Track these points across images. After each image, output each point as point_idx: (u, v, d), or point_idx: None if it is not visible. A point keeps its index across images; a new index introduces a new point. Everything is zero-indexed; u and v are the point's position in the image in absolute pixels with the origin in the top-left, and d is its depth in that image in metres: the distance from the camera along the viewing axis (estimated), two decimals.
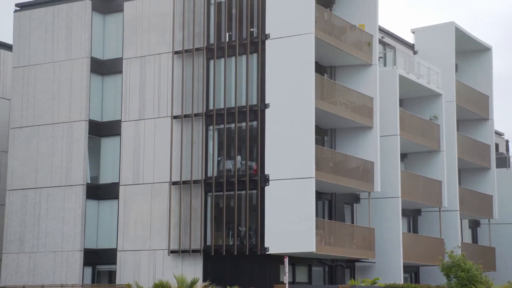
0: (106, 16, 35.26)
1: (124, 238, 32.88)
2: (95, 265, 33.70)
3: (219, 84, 32.15)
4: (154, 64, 33.32)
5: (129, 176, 33.17)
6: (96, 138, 34.38)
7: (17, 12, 36.14)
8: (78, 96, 34.10)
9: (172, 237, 31.82)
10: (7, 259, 34.33)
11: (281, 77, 30.72)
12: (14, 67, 35.87)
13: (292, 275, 31.29)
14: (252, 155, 31.32)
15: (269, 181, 30.39)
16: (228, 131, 31.75)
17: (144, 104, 33.32)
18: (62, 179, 33.81)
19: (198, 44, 32.58)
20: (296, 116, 30.26)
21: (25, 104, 35.18)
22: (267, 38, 31.12)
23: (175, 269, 30.85)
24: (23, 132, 35.05)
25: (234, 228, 31.04)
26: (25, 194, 34.48)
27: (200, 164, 31.87)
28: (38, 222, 34.02)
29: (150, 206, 32.53)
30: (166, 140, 32.56)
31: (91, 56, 34.32)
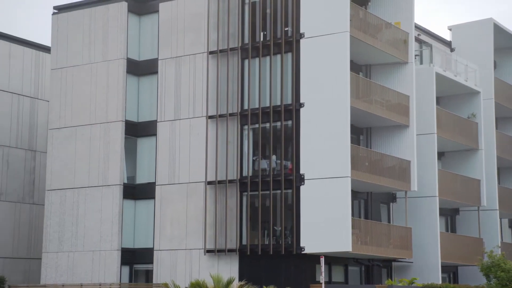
0: (142, 17, 35.44)
1: (161, 238, 32.99)
2: (132, 265, 33.90)
3: (253, 84, 32.06)
4: (189, 65, 33.38)
5: (165, 176, 33.27)
6: (132, 139, 34.58)
7: (55, 15, 36.55)
8: (114, 97, 34.34)
9: (208, 237, 31.82)
10: (47, 258, 34.73)
11: (316, 76, 30.49)
12: (52, 69, 36.28)
13: (328, 275, 31.03)
14: (287, 154, 31.15)
15: (305, 180, 30.20)
16: (263, 130, 31.63)
17: (180, 104, 33.39)
18: (99, 179, 34.08)
19: (232, 44, 32.53)
20: (331, 115, 30.00)
21: (63, 105, 35.55)
22: (302, 37, 30.91)
23: (211, 268, 30.85)
24: (62, 133, 35.43)
25: (270, 227, 30.90)
26: (63, 194, 34.84)
27: (235, 163, 31.82)
28: (76, 221, 34.35)
29: (186, 205, 32.59)
30: (201, 140, 32.58)
31: (127, 57, 34.53)
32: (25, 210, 40.31)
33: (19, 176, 40.21)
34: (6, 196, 39.54)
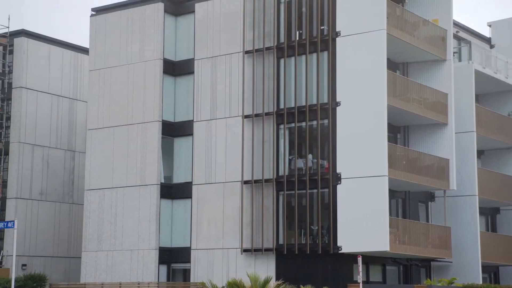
0: (178, 18, 35.59)
1: (198, 237, 33.08)
2: (170, 263, 34.06)
3: (289, 83, 31.94)
4: (225, 64, 33.41)
5: (201, 175, 33.35)
6: (169, 138, 34.75)
7: (93, 17, 36.94)
8: (151, 97, 34.54)
9: (245, 236, 31.80)
10: (86, 257, 35.10)
11: (353, 75, 30.23)
12: (90, 70, 36.67)
13: (365, 275, 30.74)
14: (324, 153, 30.95)
15: (341, 179, 29.97)
16: (299, 129, 31.49)
17: (216, 104, 33.45)
18: (137, 179, 34.32)
19: (268, 43, 32.45)
20: (368, 114, 29.71)
21: (101, 106, 35.90)
22: (338, 36, 30.68)
23: (248, 267, 30.81)
24: (100, 133, 35.78)
25: (306, 227, 30.76)
26: (102, 194, 35.18)
27: (271, 163, 31.73)
28: (114, 221, 34.66)
29: (223, 205, 32.62)
30: (237, 139, 32.58)
31: (163, 58, 34.71)
32: (65, 209, 40.85)
33: (59, 176, 40.75)
34: (47, 196, 40.12)
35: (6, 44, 40.24)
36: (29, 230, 38.93)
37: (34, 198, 39.49)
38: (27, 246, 38.68)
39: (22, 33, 40.25)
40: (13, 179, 38.92)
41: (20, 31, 40.48)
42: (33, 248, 39.05)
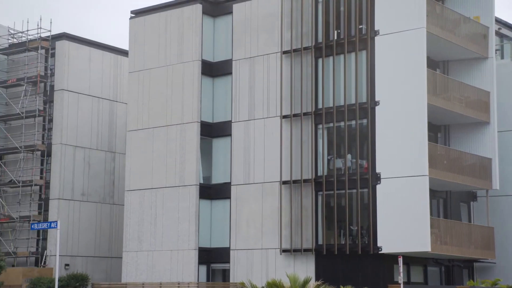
0: (216, 19, 35.64)
1: (237, 237, 33.06)
2: (209, 264, 34.11)
3: (327, 83, 31.73)
4: (263, 65, 33.35)
5: (240, 176, 33.34)
6: (207, 139, 34.83)
7: (133, 19, 37.22)
8: (190, 98, 34.67)
9: (284, 236, 31.69)
10: (127, 257, 35.36)
11: (392, 74, 29.88)
12: (130, 72, 36.96)
13: (406, 275, 30.35)
14: (363, 153, 30.67)
15: (381, 179, 29.65)
16: (337, 129, 31.26)
17: (254, 105, 33.40)
18: (176, 179, 34.48)
19: (306, 43, 32.28)
20: (407, 113, 29.34)
21: (141, 107, 36.16)
22: (377, 35, 30.36)
23: (287, 268, 30.69)
24: (139, 134, 36.05)
25: (346, 227, 30.50)
26: (142, 194, 35.43)
27: (310, 163, 31.56)
28: (154, 221, 34.86)
29: (261, 205, 32.55)
30: (275, 139, 32.48)
31: (202, 59, 34.82)
32: (106, 210, 41.26)
33: (99, 177, 41.18)
34: (88, 196, 40.57)
35: (48, 48, 40.83)
36: (71, 230, 39.42)
37: (76, 199, 39.97)
38: (70, 246, 39.16)
39: (64, 36, 40.78)
40: (56, 180, 39.45)
41: (61, 34, 41.02)
42: (75, 248, 39.53)
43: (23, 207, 39.75)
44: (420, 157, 28.84)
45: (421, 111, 29.05)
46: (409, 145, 29.15)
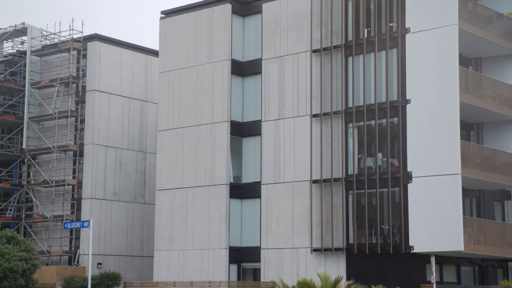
0: (246, 18, 35.52)
1: (267, 236, 32.90)
2: (240, 263, 34.00)
3: (357, 81, 31.41)
4: (293, 64, 33.13)
5: (270, 175, 33.17)
6: (237, 139, 34.72)
7: (163, 19, 37.27)
8: (219, 98, 34.60)
9: (314, 236, 31.43)
10: (159, 256, 35.43)
11: (423, 72, 29.47)
12: (160, 72, 37.01)
13: (439, 275, 29.91)
14: (394, 152, 30.29)
15: (412, 178, 29.26)
16: (368, 128, 30.93)
17: (284, 104, 33.21)
18: (206, 179, 34.43)
19: (336, 41, 31.99)
20: (439, 111, 28.91)
21: (171, 107, 36.19)
22: (408, 32, 29.97)
23: (318, 267, 30.45)
24: (170, 134, 36.08)
25: (377, 226, 30.15)
26: (172, 194, 35.45)
27: (340, 162, 31.27)
28: (185, 220, 34.87)
29: (292, 204, 32.36)
30: (305, 138, 32.26)
31: (231, 58, 34.72)
32: (137, 209, 41.40)
33: (131, 177, 41.34)
34: (120, 196, 40.76)
35: (80, 49, 41.10)
36: (104, 229, 39.62)
37: (107, 199, 40.17)
38: (102, 245, 39.36)
39: (95, 37, 41.00)
40: (88, 180, 39.68)
41: (93, 35, 41.26)
42: (107, 247, 39.72)
43: (56, 206, 40.07)
44: (453, 156, 28.39)
45: (453, 109, 28.60)
46: (441, 143, 28.71)
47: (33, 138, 41.90)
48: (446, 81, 28.85)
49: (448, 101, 28.77)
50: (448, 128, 28.65)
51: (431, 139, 28.94)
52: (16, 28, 42.54)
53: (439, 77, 29.03)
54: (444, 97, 28.87)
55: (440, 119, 28.83)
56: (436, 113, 28.95)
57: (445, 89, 28.85)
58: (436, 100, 28.99)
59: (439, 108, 28.90)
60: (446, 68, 28.91)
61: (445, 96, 28.84)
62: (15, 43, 43.75)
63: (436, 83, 29.08)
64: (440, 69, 29.05)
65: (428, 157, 28.91)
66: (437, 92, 29.01)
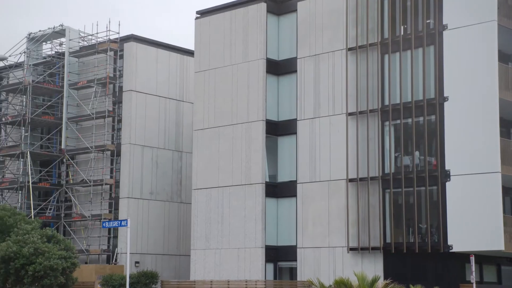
0: (281, 17, 35.29)
1: (304, 235, 32.64)
2: (276, 262, 33.79)
3: (394, 79, 30.94)
4: (328, 62, 32.79)
5: (306, 174, 32.89)
6: (273, 137, 34.50)
7: (198, 19, 37.24)
8: (255, 97, 34.43)
9: (351, 235, 31.06)
10: (195, 255, 35.40)
11: (461, 69, 28.91)
12: (196, 71, 37.00)
13: (479, 275, 29.31)
14: (431, 150, 29.77)
15: (450, 176, 28.73)
16: (405, 126, 30.45)
17: (319, 102, 32.90)
18: (242, 178, 34.30)
19: (372, 39, 31.56)
20: (478, 108, 28.33)
21: (207, 107, 36.15)
22: (445, 29, 29.42)
23: (355, 266, 30.09)
24: (206, 133, 36.04)
25: (415, 225, 29.65)
26: (208, 193, 35.40)
27: (376, 160, 30.84)
28: (221, 219, 34.78)
29: (328, 203, 32.03)
30: (341, 137, 31.90)
31: (266, 57, 34.53)
32: (174, 208, 41.48)
33: (167, 176, 41.44)
34: (156, 195, 40.89)
35: (116, 50, 41.33)
36: (141, 228, 39.78)
37: (144, 198, 40.34)
38: (139, 244, 39.52)
39: (131, 38, 41.19)
40: (125, 179, 39.89)
41: (129, 36, 41.45)
42: (144, 246, 39.88)
43: (94, 205, 40.37)
44: (492, 153, 27.79)
45: (492, 106, 28.00)
46: (480, 141, 28.13)
47: (72, 138, 42.27)
48: (485, 77, 28.25)
49: (487, 98, 28.18)
50: (487, 125, 28.06)
51: (469, 137, 28.38)
52: (55, 30, 42.96)
53: (478, 74, 28.44)
54: (483, 94, 28.28)
55: (479, 117, 28.25)
56: (474, 111, 28.38)
57: (484, 86, 28.25)
58: (475, 97, 28.41)
59: (477, 105, 28.32)
60: (485, 65, 28.31)
61: (484, 93, 28.25)
62: (53, 44, 44.24)
63: (474, 80, 28.49)
64: (479, 65, 28.46)
65: (467, 155, 28.36)
66: (476, 89, 28.43)
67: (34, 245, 30.48)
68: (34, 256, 30.23)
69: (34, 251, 30.34)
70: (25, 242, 30.70)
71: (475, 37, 28.55)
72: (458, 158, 28.56)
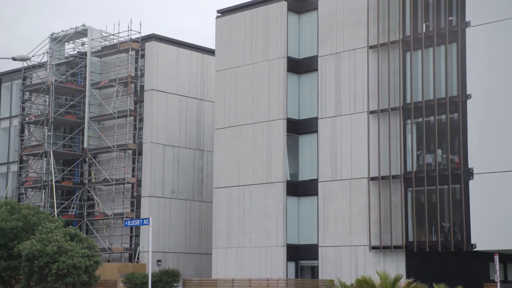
0: (301, 15, 35.15)
1: (325, 234, 32.47)
2: (297, 260, 33.66)
3: (416, 77, 30.66)
4: (349, 60, 32.58)
5: (327, 172, 32.72)
6: (294, 136, 34.36)
7: (219, 18, 37.21)
8: (276, 96, 34.32)
9: (373, 233, 30.85)
10: (217, 254, 35.38)
11: (484, 66, 28.55)
12: (216, 70, 36.97)
13: (503, 274, 29.02)
14: (454, 148, 29.46)
15: (474, 174, 28.40)
16: (427, 124, 30.17)
17: (340, 101, 32.70)
18: (263, 176, 34.20)
19: (393, 37, 31.30)
20: (502, 106, 27.95)
21: (227, 105, 36.11)
22: (468, 26, 29.08)
23: (377, 265, 29.87)
24: (226, 132, 36.00)
25: (437, 224, 29.38)
26: (230, 192, 35.35)
27: (398, 159, 30.59)
28: (243, 218, 34.72)
29: (349, 202, 31.83)
30: (362, 135, 31.68)
31: (287, 56, 34.40)
32: (195, 207, 41.51)
33: (188, 175, 41.48)
34: (178, 194, 40.95)
35: (138, 49, 41.44)
36: (163, 227, 39.86)
37: (166, 196, 40.42)
38: (161, 243, 39.60)
39: (152, 37, 41.27)
40: (147, 178, 39.98)
41: (150, 35, 41.53)
42: (166, 245, 39.95)
43: (116, 204, 40.52)
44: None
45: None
46: (503, 139, 27.77)
47: (94, 137, 42.47)
48: (509, 75, 27.88)
49: (510, 95, 27.80)
50: (511, 122, 27.67)
51: (493, 135, 28.02)
52: (77, 30, 43.18)
53: (501, 71, 28.08)
54: (506, 92, 27.92)
55: (503, 114, 27.90)
56: (498, 108, 28.03)
57: (508, 83, 27.89)
58: (499, 95, 28.05)
59: (501, 103, 27.96)
60: (509, 62, 27.92)
61: (508, 90, 27.88)
62: (76, 44, 44.46)
63: (498, 77, 28.13)
64: (502, 62, 28.09)
65: (490, 153, 28.01)
66: (500, 87, 28.07)
67: (57, 243, 30.67)
68: (57, 254, 30.41)
69: (58, 249, 30.53)
70: (49, 240, 30.89)
71: (498, 34, 28.19)
72: (481, 156, 28.23)
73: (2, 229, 32.78)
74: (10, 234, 32.97)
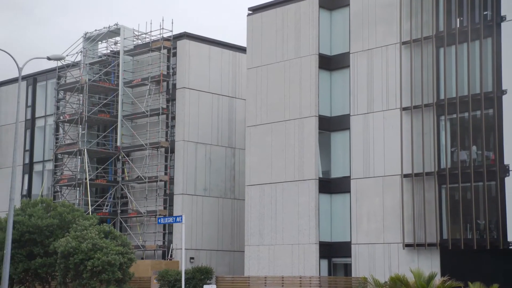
0: (333, 12, 34.89)
1: (358, 232, 32.22)
2: (330, 258, 33.47)
3: (450, 73, 30.22)
4: (382, 56, 32.26)
5: (359, 169, 32.46)
6: (326, 133, 34.17)
7: (250, 16, 37.17)
8: (307, 93, 34.15)
9: (406, 231, 30.51)
10: (249, 251, 35.37)
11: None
12: (248, 68, 36.92)
13: None
14: (489, 144, 28.98)
15: (509, 171, 27.91)
16: (461, 120, 29.72)
17: (372, 97, 32.40)
18: (295, 174, 34.08)
19: (426, 32, 30.90)
20: None
21: (259, 103, 36.05)
22: (503, 20, 28.57)
23: (410, 263, 29.55)
24: (258, 130, 35.94)
25: (472, 221, 28.93)
26: (262, 189, 35.30)
27: (432, 155, 30.20)
28: (275, 215, 34.64)
29: (382, 199, 31.54)
30: (395, 132, 31.35)
31: (319, 53, 34.20)
32: (227, 205, 41.55)
33: (220, 173, 41.52)
34: (210, 191, 41.03)
35: (170, 47, 41.59)
36: (195, 224, 39.97)
37: (198, 194, 40.53)
38: (194, 240, 39.71)
39: (184, 36, 41.36)
40: (179, 176, 40.13)
41: (182, 34, 41.63)
42: (199, 242, 40.06)
43: (149, 202, 40.75)
44: None
45: None
46: None
47: (127, 135, 42.75)
48: None
49: None
50: None
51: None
52: (110, 29, 43.48)
53: None
54: None
55: None
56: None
57: None
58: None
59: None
60: None
61: None
62: (109, 43, 44.78)
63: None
64: None
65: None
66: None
67: (92, 240, 30.94)
68: (92, 251, 30.68)
69: (93, 246, 30.80)
70: (84, 237, 31.19)
71: None
72: None
73: (38, 227, 33.21)
74: (46, 231, 33.39)
